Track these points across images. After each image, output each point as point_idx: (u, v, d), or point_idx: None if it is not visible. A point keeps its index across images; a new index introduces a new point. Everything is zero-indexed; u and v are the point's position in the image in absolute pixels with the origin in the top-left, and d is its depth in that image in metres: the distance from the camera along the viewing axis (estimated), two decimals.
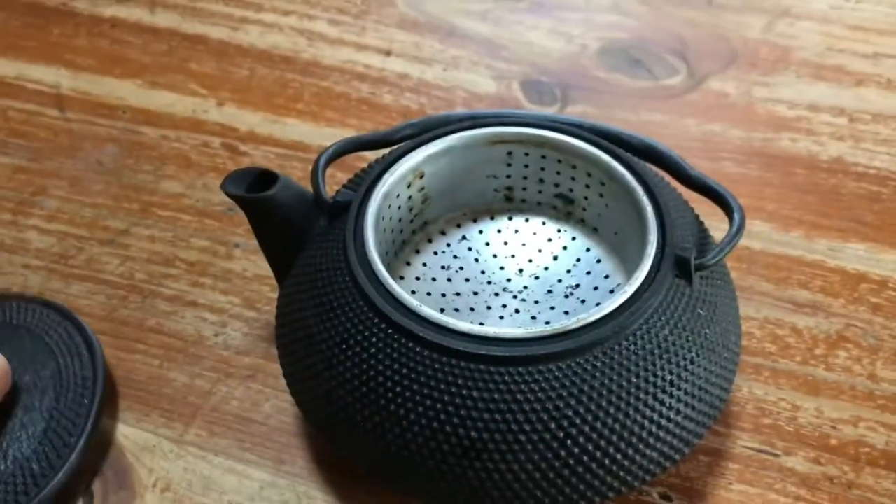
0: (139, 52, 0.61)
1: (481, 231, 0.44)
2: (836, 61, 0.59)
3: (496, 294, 0.41)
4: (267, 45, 0.61)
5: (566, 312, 0.40)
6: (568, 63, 0.60)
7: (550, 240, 0.44)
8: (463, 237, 0.44)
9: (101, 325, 0.46)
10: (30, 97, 0.59)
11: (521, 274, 0.42)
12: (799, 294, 0.46)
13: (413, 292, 0.41)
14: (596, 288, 0.41)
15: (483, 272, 0.42)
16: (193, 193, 0.52)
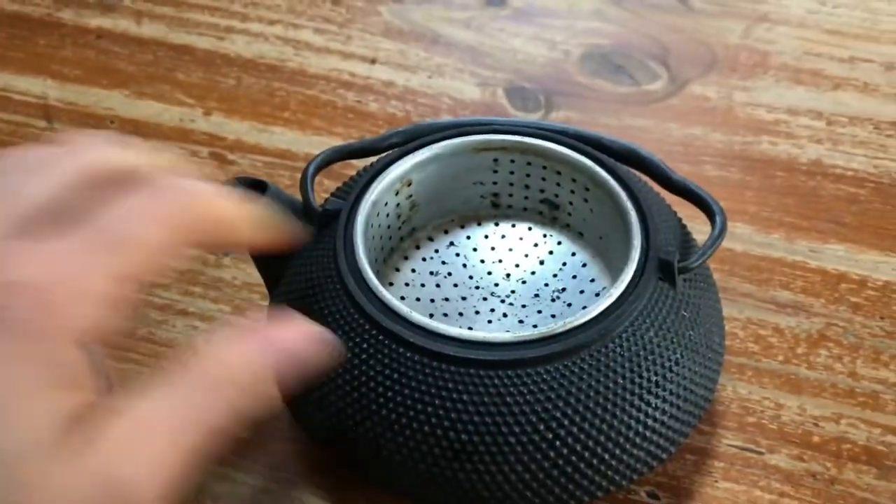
0: (125, 63, 0.62)
1: (469, 237, 0.45)
2: (814, 65, 0.60)
3: (484, 299, 0.42)
4: (253, 55, 0.62)
5: (553, 316, 0.41)
6: (551, 69, 0.61)
7: (536, 245, 0.44)
8: (451, 243, 0.45)
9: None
10: (17, 108, 0.59)
11: (509, 279, 0.43)
12: (781, 295, 0.47)
13: (402, 298, 0.42)
14: (582, 291, 0.42)
15: (471, 277, 0.43)
16: None
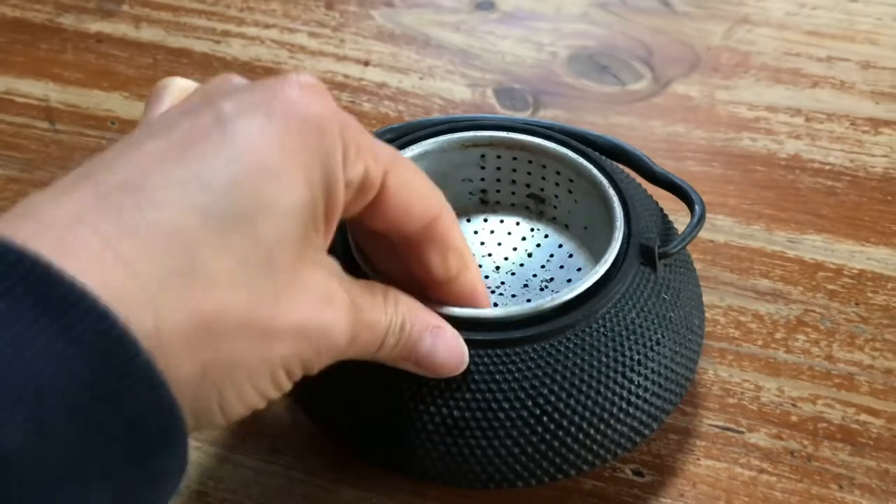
0: (125, 66, 0.63)
1: None
2: (793, 65, 0.63)
3: None
4: (249, 58, 0.64)
5: None
6: (539, 70, 0.63)
7: (524, 238, 0.46)
8: None
9: None
10: (19, 110, 0.61)
11: (498, 271, 0.45)
12: (760, 283, 0.49)
13: None
14: (569, 280, 0.44)
15: None
16: None
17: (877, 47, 0.64)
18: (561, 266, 0.45)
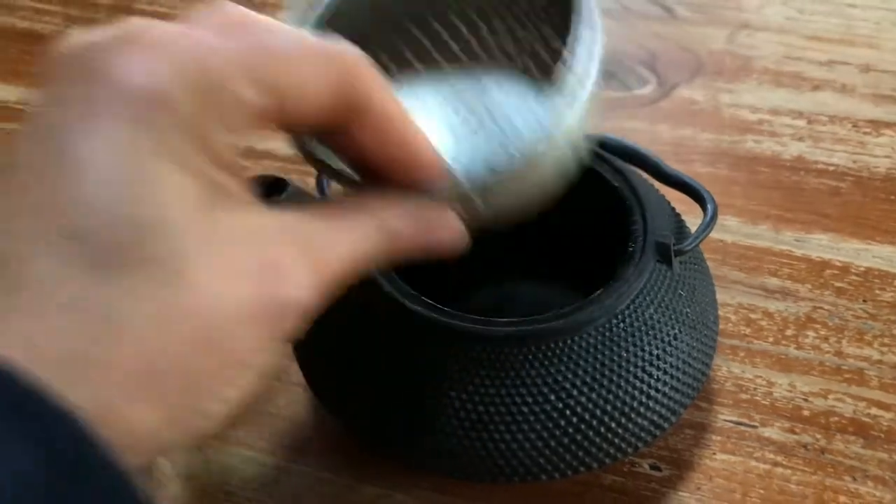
0: None
1: None
2: (794, 68, 0.64)
3: None
4: None
5: None
6: None
7: None
8: None
9: None
10: None
11: None
12: (769, 281, 0.50)
13: None
14: None
15: None
16: None
17: (876, 51, 0.65)
18: None
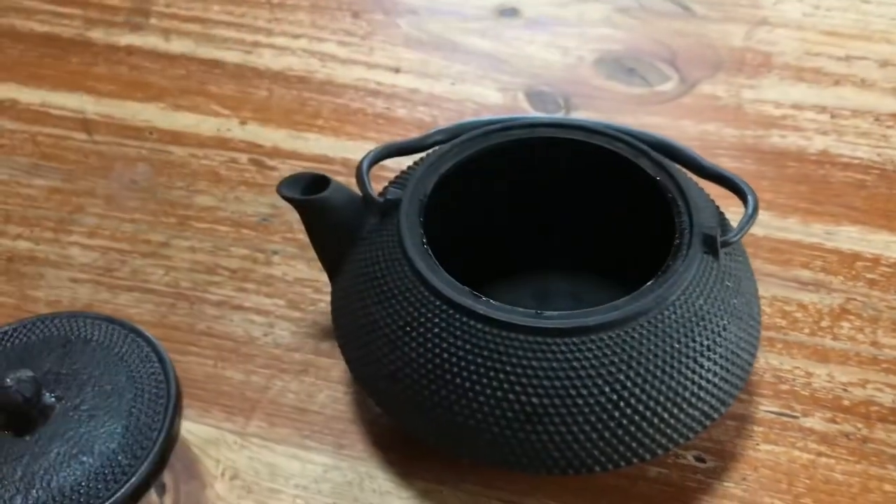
0: (158, 77, 0.64)
1: None
2: (814, 64, 0.64)
3: None
4: (281, 67, 0.65)
5: None
6: (567, 73, 0.64)
7: None
8: None
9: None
10: (56, 122, 0.61)
11: None
12: (802, 273, 0.51)
13: None
14: None
15: None
16: (227, 206, 0.55)
17: (893, 46, 0.65)
18: None
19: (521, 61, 0.65)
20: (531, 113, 0.61)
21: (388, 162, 0.46)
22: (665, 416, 0.36)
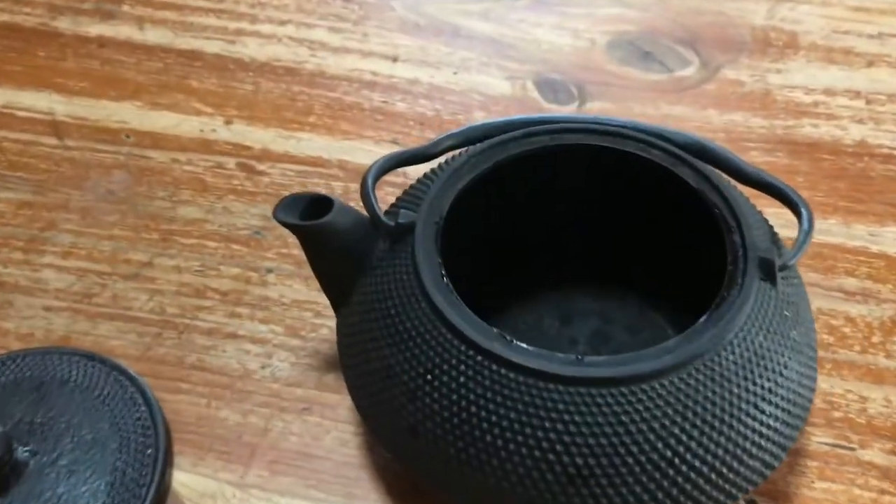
0: (133, 72, 0.59)
1: None
2: (844, 43, 0.59)
3: None
4: (267, 57, 0.59)
5: None
6: (578, 58, 0.59)
7: None
8: None
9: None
10: (23, 126, 0.55)
11: None
12: (847, 282, 0.46)
13: None
14: None
15: None
16: (215, 218, 0.50)
17: None
18: None
19: (528, 46, 0.60)
20: (542, 104, 0.56)
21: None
22: (724, 471, 0.32)
